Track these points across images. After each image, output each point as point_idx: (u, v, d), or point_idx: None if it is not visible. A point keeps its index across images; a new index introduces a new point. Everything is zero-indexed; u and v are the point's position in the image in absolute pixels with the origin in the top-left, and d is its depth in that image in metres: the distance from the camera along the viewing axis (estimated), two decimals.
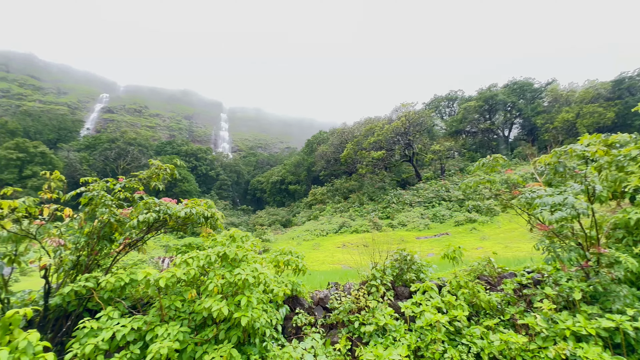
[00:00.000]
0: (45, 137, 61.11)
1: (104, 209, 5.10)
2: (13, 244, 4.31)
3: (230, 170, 77.22)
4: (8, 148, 39.88)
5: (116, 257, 5.40)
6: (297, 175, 63.18)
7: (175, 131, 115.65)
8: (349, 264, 15.12)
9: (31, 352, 3.31)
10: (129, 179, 5.77)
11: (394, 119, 48.51)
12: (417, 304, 5.43)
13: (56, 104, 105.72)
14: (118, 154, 55.28)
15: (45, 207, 4.51)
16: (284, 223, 45.08)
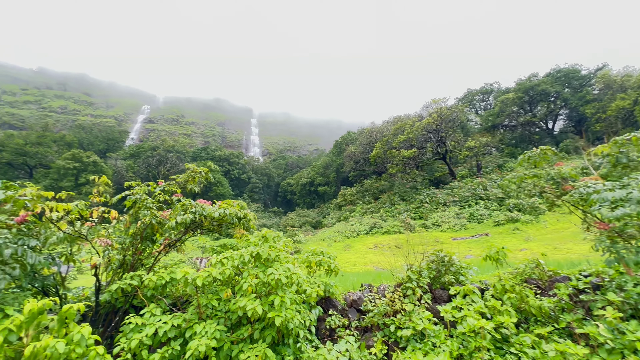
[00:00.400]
0: (96, 148, 67.01)
1: (145, 211, 5.38)
2: (68, 244, 4.68)
3: (261, 173, 79.22)
4: (66, 159, 44.23)
5: (157, 257, 5.67)
6: (326, 177, 63.24)
7: (209, 137, 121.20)
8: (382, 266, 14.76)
9: (84, 345, 3.53)
10: (167, 182, 6.06)
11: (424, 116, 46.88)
12: (457, 308, 5.10)
13: (105, 117, 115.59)
14: (159, 161, 59.03)
15: (94, 210, 4.85)
16: (314, 224, 45.25)
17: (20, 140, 48.04)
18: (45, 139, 52.36)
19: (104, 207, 5.05)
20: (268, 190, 78.73)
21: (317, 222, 46.12)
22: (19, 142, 47.40)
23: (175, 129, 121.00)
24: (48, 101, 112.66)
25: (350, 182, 57.70)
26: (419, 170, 47.12)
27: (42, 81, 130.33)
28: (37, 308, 3.33)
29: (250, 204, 60.47)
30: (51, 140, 53.59)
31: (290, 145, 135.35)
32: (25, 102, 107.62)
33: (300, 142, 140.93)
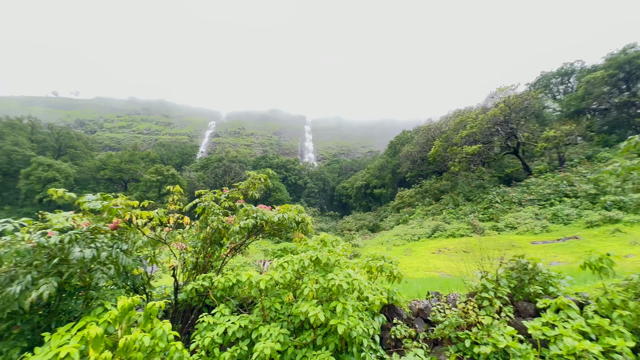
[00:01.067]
0: (173, 162, 76.08)
1: (213, 217, 5.78)
2: (151, 247, 5.25)
3: (316, 178, 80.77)
4: (151, 173, 51.13)
5: (225, 260, 6.04)
6: (382, 179, 61.66)
7: (267, 146, 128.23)
8: (448, 272, 13.62)
9: (165, 340, 3.87)
10: (231, 190, 6.44)
11: (489, 107, 42.59)
12: (549, 324, 4.34)
13: (180, 134, 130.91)
14: (224, 171, 64.38)
15: (171, 217, 5.36)
16: (372, 228, 44.34)
17: (117, 159, 57.04)
18: (135, 157, 61.27)
19: (178, 214, 5.56)
20: (323, 194, 79.84)
21: (374, 225, 45.11)
22: (116, 160, 56.32)
23: (237, 140, 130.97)
24: (136, 125, 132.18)
25: (407, 183, 55.25)
26: (486, 167, 42.84)
27: (132, 108, 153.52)
28: (128, 304, 3.75)
29: (307, 209, 61.95)
30: (139, 158, 62.50)
31: (343, 149, 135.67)
32: (120, 127, 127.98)
33: (354, 145, 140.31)
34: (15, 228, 3.63)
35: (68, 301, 4.43)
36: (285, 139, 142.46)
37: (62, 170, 46.81)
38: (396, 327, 4.97)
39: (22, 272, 3.53)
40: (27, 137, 57.88)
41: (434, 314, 5.16)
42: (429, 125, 52.86)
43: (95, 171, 54.90)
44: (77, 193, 4.39)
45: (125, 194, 57.09)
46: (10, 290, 3.41)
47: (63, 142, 63.53)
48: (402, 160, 54.66)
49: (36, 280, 3.51)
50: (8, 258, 3.61)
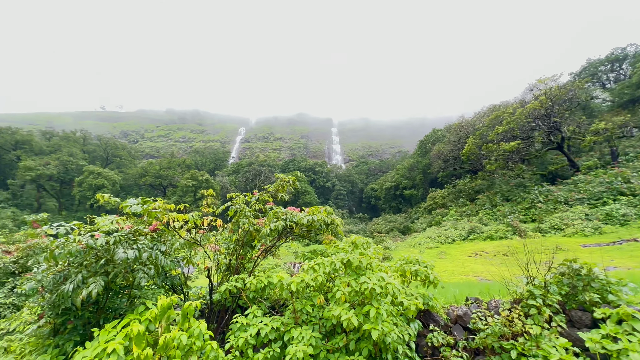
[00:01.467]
0: (207, 168, 79.64)
1: (244, 219, 5.89)
2: (187, 249, 5.47)
3: (345, 180, 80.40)
4: (187, 178, 53.90)
5: (256, 261, 6.13)
6: (412, 180, 59.95)
7: (295, 150, 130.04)
8: (487, 276, 12.81)
9: (202, 339, 3.98)
10: (261, 192, 6.54)
11: (528, 100, 39.84)
12: (610, 337, 3.88)
13: (212, 141, 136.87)
14: (254, 175, 66.20)
15: (205, 219, 5.54)
16: (402, 230, 43.18)
17: (157, 167, 60.82)
18: (173, 163, 64.96)
19: (212, 217, 5.73)
20: (352, 196, 79.21)
21: (405, 227, 43.90)
22: (156, 168, 60.07)
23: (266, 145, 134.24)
24: (173, 133, 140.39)
25: (439, 184, 53.20)
26: (526, 165, 40.07)
27: (169, 118, 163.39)
28: (167, 303, 3.90)
29: (336, 211, 61.76)
30: (176, 164, 66.16)
31: (371, 150, 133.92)
32: (159, 136, 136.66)
33: (382, 145, 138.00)
34: (67, 231, 3.94)
35: (114, 299, 4.72)
36: (313, 142, 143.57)
37: (110, 178, 50.82)
38: (433, 334, 4.72)
39: (74, 271, 3.81)
40: (80, 148, 63.72)
41: (474, 322, 4.83)
42: (461, 122, 50.54)
43: (137, 178, 58.98)
44: (121, 198, 4.69)
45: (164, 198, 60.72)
46: (64, 288, 3.70)
47: (110, 152, 69.10)
48: (433, 159, 52.74)
49: (86, 279, 3.77)
50: (62, 258, 3.92)
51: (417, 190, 57.93)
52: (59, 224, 3.94)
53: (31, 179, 47.86)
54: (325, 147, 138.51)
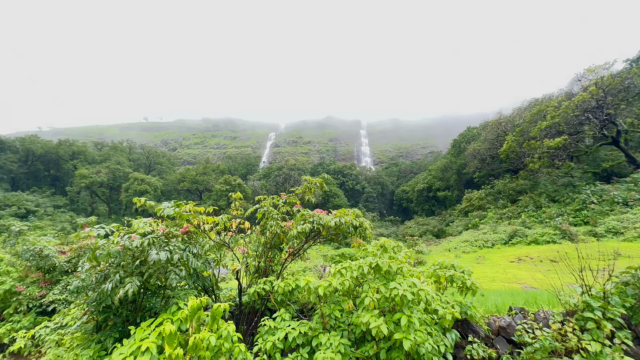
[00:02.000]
0: (239, 172, 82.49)
1: (272, 221, 5.90)
2: (216, 250, 5.58)
3: (374, 182, 79.12)
4: (221, 183, 56.21)
5: (284, 264, 6.10)
6: (446, 181, 57.49)
7: (324, 153, 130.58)
8: (532, 284, 11.77)
9: (230, 340, 3.99)
10: (288, 195, 6.53)
11: (575, 92, 36.55)
12: None
13: (244, 147, 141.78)
14: (284, 179, 67.33)
15: (233, 222, 5.63)
16: (436, 233, 41.45)
17: (193, 172, 64.14)
18: (207, 169, 68.17)
19: (240, 219, 5.81)
20: (382, 199, 77.64)
21: (439, 230, 42.09)
22: (192, 173, 63.35)
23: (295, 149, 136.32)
24: (208, 141, 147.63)
25: (475, 184, 50.45)
26: (575, 162, 36.66)
27: (204, 127, 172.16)
28: (196, 304, 3.98)
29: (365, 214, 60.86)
30: (211, 170, 69.33)
31: (401, 151, 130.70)
32: (195, 144, 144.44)
33: (412, 146, 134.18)
34: (107, 233, 4.17)
35: (150, 299, 4.93)
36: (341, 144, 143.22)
37: (152, 184, 54.48)
38: (472, 345, 4.35)
39: (112, 271, 4.02)
40: (126, 157, 69.19)
41: (520, 334, 4.39)
42: (499, 119, 47.55)
43: (176, 183, 62.59)
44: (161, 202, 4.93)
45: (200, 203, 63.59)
46: (104, 287, 3.90)
47: (152, 160, 74.22)
48: (469, 159, 50.14)
49: (123, 279, 3.95)
50: (103, 259, 4.15)
51: (451, 192, 55.39)
52: (99, 226, 4.19)
53: (85, 186, 52.73)
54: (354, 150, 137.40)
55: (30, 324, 7.24)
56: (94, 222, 10.06)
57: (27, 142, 60.71)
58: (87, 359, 4.10)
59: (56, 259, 8.18)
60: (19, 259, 8.13)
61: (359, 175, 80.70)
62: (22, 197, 46.23)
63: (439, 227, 43.31)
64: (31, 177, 61.43)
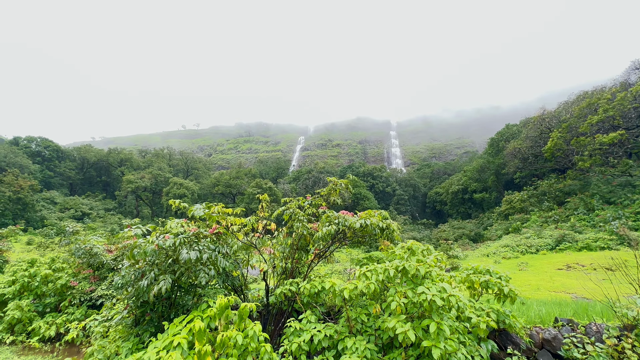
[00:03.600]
0: (270, 176, 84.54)
1: (298, 223, 5.92)
2: (244, 251, 5.71)
3: (406, 184, 77.07)
4: (253, 187, 58.02)
5: (310, 266, 6.10)
6: (483, 182, 54.55)
7: (353, 156, 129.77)
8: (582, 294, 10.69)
9: (256, 340, 4.05)
10: (313, 196, 6.53)
11: (632, 82, 32.97)
12: None
13: (275, 151, 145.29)
14: (314, 182, 67.80)
15: (260, 223, 5.73)
16: (473, 237, 39.38)
17: (227, 177, 66.85)
18: (240, 173, 70.68)
19: (267, 221, 5.91)
20: (414, 201, 75.36)
21: (476, 234, 39.97)
22: (226, 178, 66.04)
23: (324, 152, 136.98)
24: (240, 146, 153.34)
25: (516, 186, 47.25)
26: (634, 160, 32.94)
27: (237, 132, 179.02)
28: (224, 303, 4.09)
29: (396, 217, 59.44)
30: (244, 174, 71.80)
31: (434, 152, 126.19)
32: (228, 149, 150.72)
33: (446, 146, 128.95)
34: (144, 232, 4.44)
35: (183, 296, 5.16)
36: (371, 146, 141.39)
37: (189, 188, 57.68)
38: (512, 358, 4.02)
39: (148, 269, 4.26)
40: (166, 162, 73.98)
41: (568, 348, 3.97)
42: (542, 114, 44.14)
43: (211, 187, 65.59)
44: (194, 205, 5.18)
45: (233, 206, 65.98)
46: (141, 284, 4.15)
47: (189, 165, 78.57)
48: (508, 158, 47.12)
49: (157, 277, 4.17)
50: (140, 257, 4.42)
51: (489, 194, 52.41)
52: (136, 226, 4.47)
53: (131, 190, 57.11)
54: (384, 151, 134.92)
55: (82, 316, 7.92)
56: (137, 223, 10.80)
57: (82, 151, 67.13)
58: (126, 350, 4.38)
59: (104, 257, 8.90)
60: (72, 256, 8.95)
61: (389, 178, 79.06)
62: (78, 200, 51.12)
63: (475, 230, 41.16)
64: (86, 182, 67.73)
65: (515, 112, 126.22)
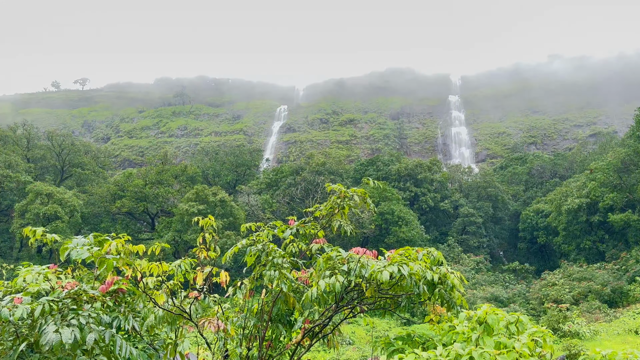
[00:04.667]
0: (223, 180, 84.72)
1: (272, 272, 5.88)
2: (170, 326, 5.67)
3: (478, 196, 77.32)
4: (189, 200, 58.07)
5: (296, 352, 6.07)
6: (627, 191, 55.03)
7: (379, 141, 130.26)
8: None
9: None
10: (303, 220, 6.52)
11: None
12: None
13: (231, 133, 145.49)
14: (305, 190, 67.89)
15: (200, 272, 5.71)
16: (610, 297, 39.89)
17: (140, 181, 66.91)
18: (165, 174, 70.70)
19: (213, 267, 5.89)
20: (496, 227, 75.60)
21: (613, 291, 40.40)
22: (138, 182, 66.12)
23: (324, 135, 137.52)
24: (166, 122, 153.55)
25: None
26: None
27: (159, 96, 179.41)
28: None
29: (461, 257, 59.56)
30: (171, 176, 71.83)
31: (534, 134, 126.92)
32: (142, 129, 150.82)
33: (555, 123, 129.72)
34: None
35: None
36: (414, 123, 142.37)
37: (66, 202, 57.43)
38: None
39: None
40: (21, 154, 73.67)
41: None
42: None
43: (109, 201, 65.47)
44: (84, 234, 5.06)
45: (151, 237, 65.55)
46: None
47: (67, 159, 78.42)
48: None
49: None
50: None
51: (638, 214, 52.84)
52: None
53: None
54: (439, 133, 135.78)
55: None
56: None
57: None
58: None
59: None
60: None
61: (446, 183, 79.51)
62: None
63: (613, 284, 41.58)
64: None
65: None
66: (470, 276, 53.55)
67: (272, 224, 6.48)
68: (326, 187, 6.58)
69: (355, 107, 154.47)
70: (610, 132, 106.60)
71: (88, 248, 4.83)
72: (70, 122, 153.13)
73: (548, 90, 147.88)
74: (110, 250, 4.84)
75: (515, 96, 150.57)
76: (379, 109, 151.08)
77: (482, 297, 45.01)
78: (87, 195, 67.10)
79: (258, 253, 6.11)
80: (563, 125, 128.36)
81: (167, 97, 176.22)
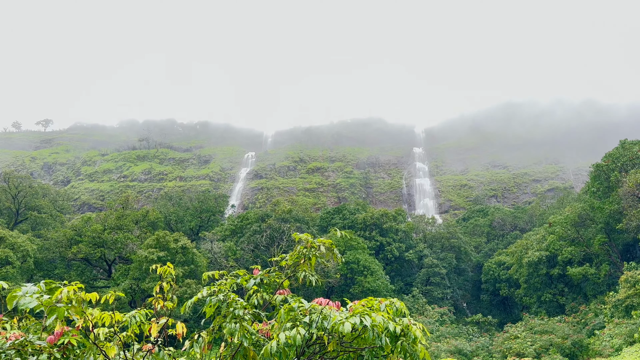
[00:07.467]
0: (186, 226, 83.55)
1: (233, 324, 5.72)
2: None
3: (442, 246, 78.39)
4: (149, 246, 56.74)
5: None
6: (584, 245, 56.83)
7: (346, 190, 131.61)
8: None
9: None
10: (266, 270, 6.43)
11: None
12: None
13: (197, 178, 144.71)
14: (270, 238, 67.41)
15: (155, 323, 5.49)
16: (570, 350, 40.45)
17: (99, 226, 65.27)
18: (125, 219, 69.31)
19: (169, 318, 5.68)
20: (459, 278, 76.36)
21: (574, 344, 40.95)
22: (97, 227, 64.46)
23: (291, 182, 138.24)
24: (129, 166, 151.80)
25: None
26: None
27: (124, 140, 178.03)
28: None
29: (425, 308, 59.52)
30: (132, 221, 70.48)
31: (495, 187, 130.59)
32: (104, 172, 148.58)
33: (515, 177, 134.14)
34: None
35: None
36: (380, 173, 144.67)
37: (19, 247, 55.31)
38: None
39: None
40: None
41: None
42: None
43: (65, 246, 63.45)
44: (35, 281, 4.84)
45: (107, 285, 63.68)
46: None
47: (23, 202, 76.34)
48: (627, 202, 49.71)
49: None
50: None
51: (595, 267, 54.38)
52: None
53: None
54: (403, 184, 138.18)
55: None
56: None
57: None
58: None
59: None
60: None
61: (411, 233, 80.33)
62: None
63: (573, 337, 42.17)
64: None
65: (637, 117, 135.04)
66: (434, 328, 53.51)
67: (235, 273, 6.37)
68: (293, 237, 6.55)
69: (323, 155, 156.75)
70: (567, 187, 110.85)
71: (37, 296, 4.60)
72: (30, 164, 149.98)
73: (508, 145, 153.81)
74: (61, 298, 4.63)
75: (476, 150, 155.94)
76: (346, 158, 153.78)
77: (446, 350, 44.92)
78: (42, 240, 65.28)
79: (218, 304, 5.95)
80: (522, 180, 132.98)
81: (131, 141, 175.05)
